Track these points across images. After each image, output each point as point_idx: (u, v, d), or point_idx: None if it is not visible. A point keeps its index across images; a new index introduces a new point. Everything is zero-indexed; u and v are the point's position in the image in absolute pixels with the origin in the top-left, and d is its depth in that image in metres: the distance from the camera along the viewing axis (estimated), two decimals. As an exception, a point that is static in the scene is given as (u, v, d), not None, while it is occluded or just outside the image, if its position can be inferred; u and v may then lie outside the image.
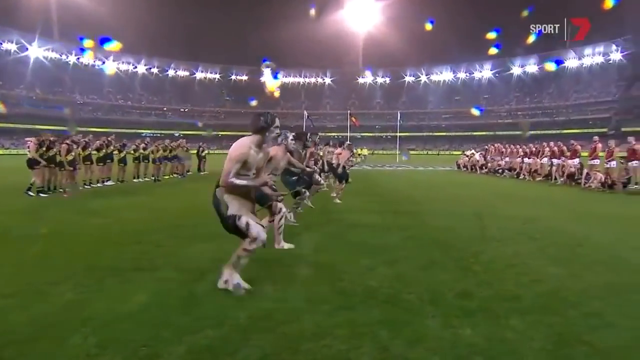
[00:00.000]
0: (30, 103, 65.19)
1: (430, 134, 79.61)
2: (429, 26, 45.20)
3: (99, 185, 12.01)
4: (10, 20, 63.82)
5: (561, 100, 73.99)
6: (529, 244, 5.09)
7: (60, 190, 10.06)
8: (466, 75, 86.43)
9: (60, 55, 73.17)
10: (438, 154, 62.83)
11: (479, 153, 23.61)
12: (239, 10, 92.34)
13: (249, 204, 3.30)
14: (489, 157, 20.94)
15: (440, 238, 5.39)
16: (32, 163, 9.41)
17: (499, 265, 4.22)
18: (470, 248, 4.87)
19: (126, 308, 2.95)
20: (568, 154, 14.72)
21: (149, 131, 68.41)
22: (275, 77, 43.47)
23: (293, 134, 5.68)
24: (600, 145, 14.20)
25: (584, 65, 74.53)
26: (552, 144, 16.02)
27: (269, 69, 23.73)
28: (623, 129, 54.92)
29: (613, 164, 12.66)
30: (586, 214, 7.51)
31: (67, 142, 10.44)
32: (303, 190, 5.97)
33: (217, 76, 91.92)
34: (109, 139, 12.92)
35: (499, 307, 3.07)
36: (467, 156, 23.33)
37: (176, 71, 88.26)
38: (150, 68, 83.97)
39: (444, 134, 78.51)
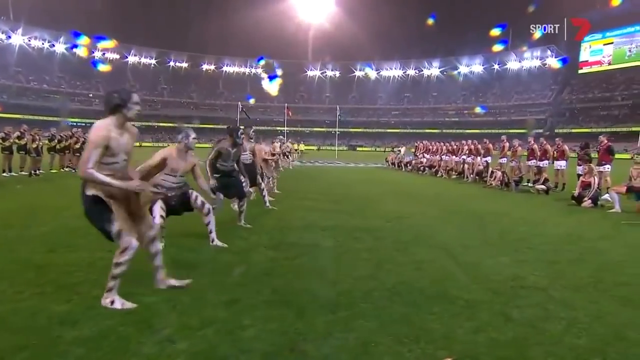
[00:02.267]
0: None
1: (380, 130, 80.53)
2: (430, 21, 44.43)
3: None
4: None
5: (504, 100, 77.85)
6: (365, 243, 5.03)
7: None
8: (415, 73, 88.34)
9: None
10: (384, 151, 63.81)
11: (404, 149, 24.20)
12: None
13: (123, 203, 2.97)
14: (418, 154, 21.40)
15: (287, 239, 5.21)
16: None
17: (313, 267, 4.09)
18: (305, 249, 4.72)
19: None
20: (482, 152, 15.39)
21: (71, 120, 60.18)
22: (274, 77, 41.55)
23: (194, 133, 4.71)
24: (507, 144, 14.92)
25: (523, 68, 78.93)
26: (469, 142, 16.62)
27: (265, 68, 22.52)
28: (556, 130, 59.06)
29: (514, 163, 13.26)
30: (456, 212, 7.65)
31: None
32: (218, 194, 5.10)
33: (153, 62, 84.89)
34: None
35: (257, 315, 2.89)
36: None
37: (104, 53, 77.05)
38: (72, 47, 69.65)
39: (393, 130, 79.67)
